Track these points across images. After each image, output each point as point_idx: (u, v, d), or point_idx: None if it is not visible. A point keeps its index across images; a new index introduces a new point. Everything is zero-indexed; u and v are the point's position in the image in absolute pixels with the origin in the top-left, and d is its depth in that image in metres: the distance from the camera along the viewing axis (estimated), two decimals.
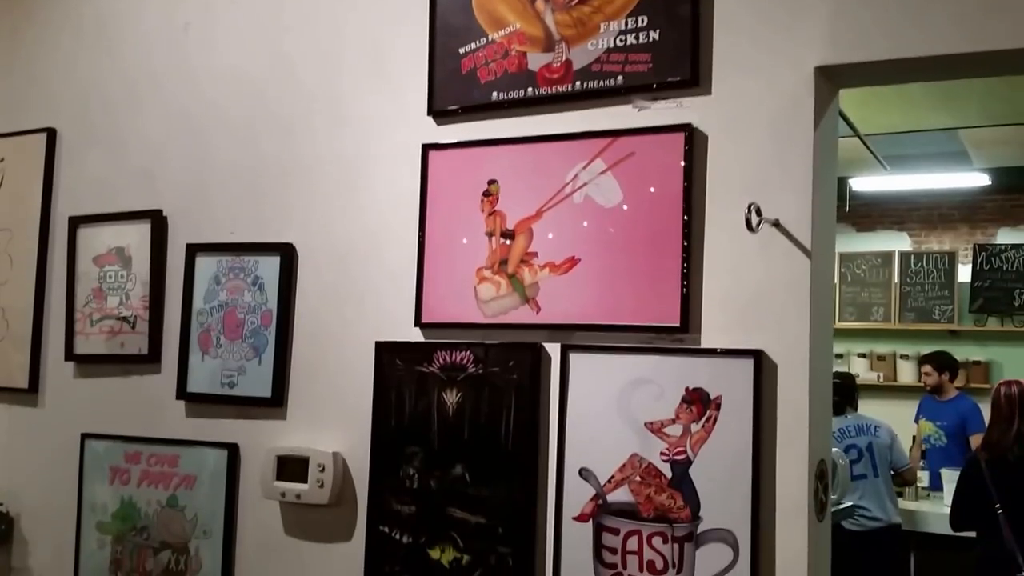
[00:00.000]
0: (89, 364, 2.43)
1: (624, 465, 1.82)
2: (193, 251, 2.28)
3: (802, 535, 1.67)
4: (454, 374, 1.98)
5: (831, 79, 1.78)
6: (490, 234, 1.96)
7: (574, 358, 1.88)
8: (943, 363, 6.32)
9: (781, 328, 1.71)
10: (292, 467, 2.08)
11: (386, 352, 2.05)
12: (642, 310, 1.82)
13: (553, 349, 1.90)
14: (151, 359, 2.33)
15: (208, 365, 2.24)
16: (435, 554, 1.96)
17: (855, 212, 8.66)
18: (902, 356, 7.81)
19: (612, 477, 1.82)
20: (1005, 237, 8.03)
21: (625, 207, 1.84)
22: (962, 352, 7.84)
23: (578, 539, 1.84)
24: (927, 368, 6.34)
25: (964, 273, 7.83)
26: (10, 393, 2.53)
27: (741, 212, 1.68)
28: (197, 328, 2.26)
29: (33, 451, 2.49)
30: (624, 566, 1.79)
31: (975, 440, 6.21)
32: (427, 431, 1.99)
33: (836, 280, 8.04)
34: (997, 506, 4.39)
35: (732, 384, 1.73)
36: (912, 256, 7.91)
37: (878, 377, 7.69)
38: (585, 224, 1.88)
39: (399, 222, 2.05)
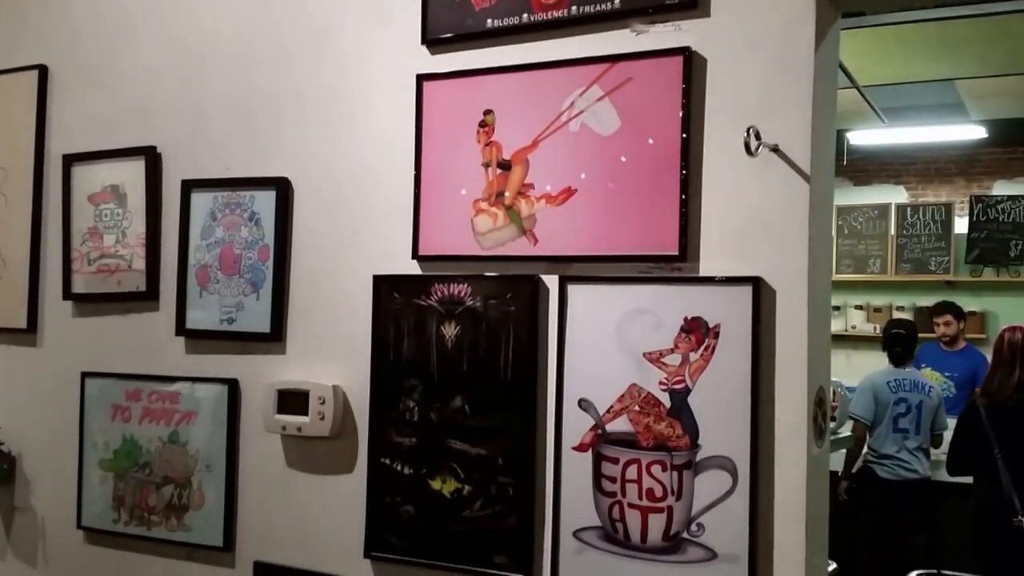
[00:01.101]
0: (87, 303, 2.40)
1: (623, 395, 1.79)
2: (188, 187, 2.24)
3: (801, 460, 1.65)
4: (452, 307, 1.95)
5: (832, 1, 1.73)
6: (486, 165, 1.92)
7: (572, 289, 1.85)
8: (959, 312, 6.22)
9: (780, 255, 1.68)
10: (292, 400, 2.06)
11: (384, 285, 2.02)
12: (640, 240, 1.79)
13: (551, 281, 1.87)
14: (149, 297, 2.30)
15: (206, 301, 2.21)
16: (436, 485, 1.94)
17: (852, 166, 8.59)
18: (898, 308, 7.80)
19: (611, 407, 1.80)
20: (1001, 189, 7.98)
21: (623, 134, 1.80)
22: (958, 303, 7.82)
23: (578, 469, 1.82)
24: (947, 318, 6.22)
25: (960, 225, 7.80)
26: (9, 333, 2.50)
27: (740, 137, 1.64)
28: (194, 265, 2.23)
29: (33, 391, 2.47)
30: (623, 494, 1.78)
31: None
32: (426, 364, 1.97)
33: (833, 232, 8.00)
34: (996, 451, 4.39)
35: (731, 312, 1.71)
36: (909, 208, 7.88)
37: (874, 328, 7.67)
38: (582, 153, 1.83)
39: (395, 154, 2.01)
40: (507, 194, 1.90)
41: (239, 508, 2.17)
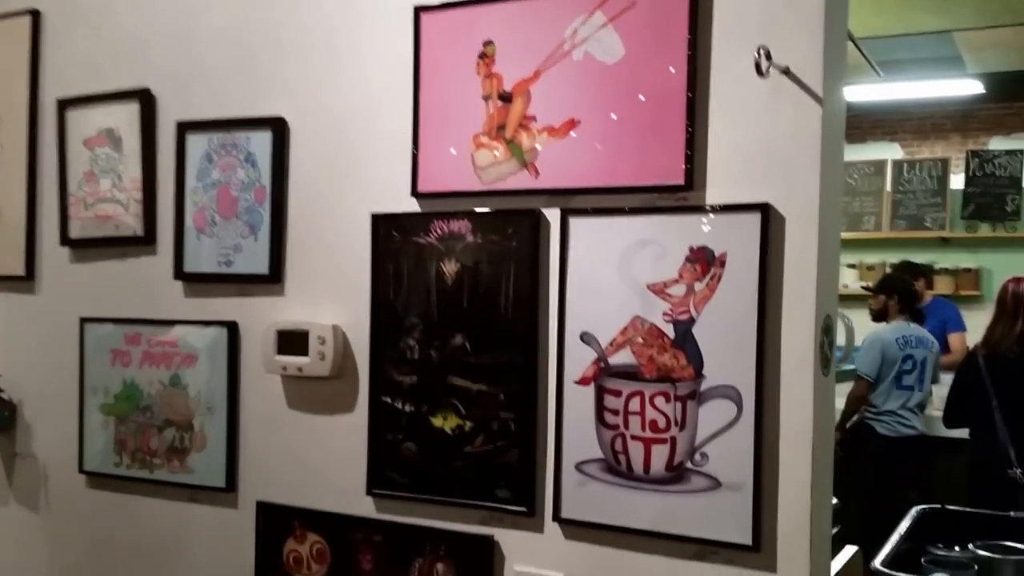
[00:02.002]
0: (85, 248, 2.35)
1: (626, 328, 1.76)
2: (183, 129, 2.19)
3: (807, 389, 1.62)
4: (452, 244, 1.91)
5: None
6: (487, 98, 1.87)
7: (574, 222, 1.81)
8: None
9: (789, 180, 1.64)
10: (292, 341, 2.03)
11: (383, 224, 1.98)
12: (644, 170, 1.74)
13: (553, 214, 1.83)
14: (146, 241, 2.25)
15: (204, 244, 2.17)
16: (438, 422, 1.92)
17: (846, 123, 8.54)
18: (891, 265, 7.76)
19: (614, 340, 1.77)
20: (998, 145, 7.92)
21: (627, 62, 1.75)
22: (952, 259, 7.81)
23: (580, 402, 1.79)
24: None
25: (956, 181, 7.75)
26: (7, 281, 2.46)
27: (748, 61, 1.60)
28: (191, 208, 2.19)
29: (32, 337, 2.43)
30: (626, 426, 1.75)
31: (954, 339, 6.20)
32: (426, 302, 1.93)
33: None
34: (993, 403, 4.37)
35: (738, 240, 1.67)
36: (905, 164, 7.82)
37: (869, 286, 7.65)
38: (585, 83, 1.79)
39: (392, 90, 1.96)
40: (508, 127, 1.85)
41: (241, 449, 2.14)
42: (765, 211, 1.64)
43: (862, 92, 7.40)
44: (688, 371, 1.70)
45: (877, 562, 1.63)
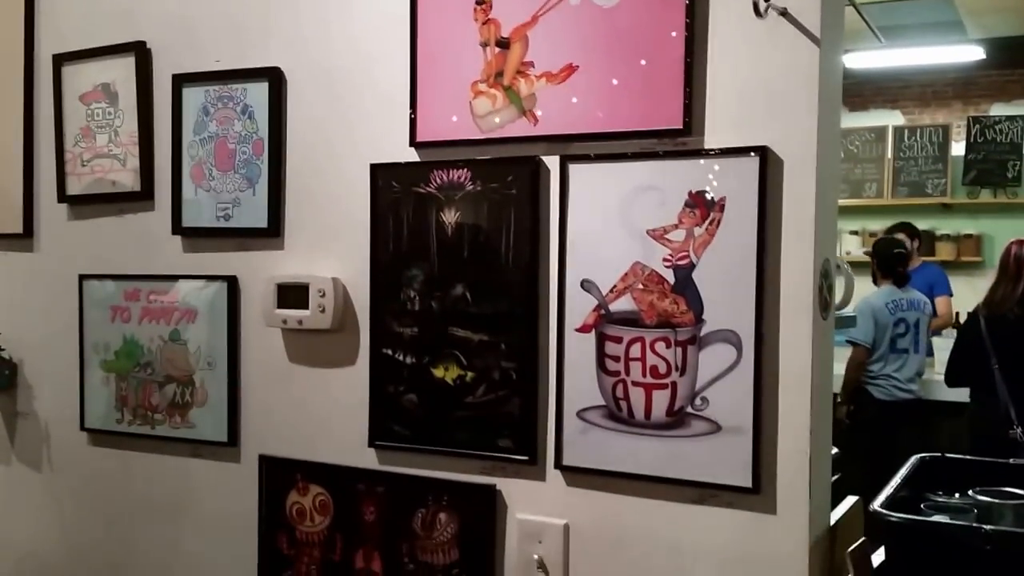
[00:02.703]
0: (83, 205, 2.34)
1: (626, 274, 1.75)
2: (179, 82, 2.17)
3: (806, 331, 1.62)
4: (452, 193, 1.90)
5: None
6: (484, 44, 1.86)
7: (573, 169, 1.80)
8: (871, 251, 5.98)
9: (787, 123, 1.63)
10: (292, 294, 2.02)
11: (381, 174, 1.97)
12: (643, 115, 1.73)
13: (552, 161, 1.82)
14: (144, 196, 2.25)
15: (202, 199, 2.16)
16: (439, 373, 1.92)
17: (848, 91, 8.46)
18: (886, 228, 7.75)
19: (614, 287, 1.76)
20: (999, 112, 7.88)
21: (624, 6, 1.73)
22: (954, 225, 7.81)
23: (580, 350, 1.79)
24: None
25: (958, 148, 7.73)
26: (5, 239, 2.46)
27: (745, 3, 1.58)
28: (189, 162, 2.18)
29: (32, 296, 2.43)
30: (627, 372, 1.75)
31: (940, 303, 6.21)
32: (426, 253, 1.93)
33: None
34: (994, 363, 4.39)
35: (736, 184, 1.66)
36: (906, 131, 7.79)
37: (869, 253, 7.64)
38: (583, 27, 1.77)
39: (389, 38, 1.94)
40: (506, 74, 1.84)
41: (242, 404, 2.14)
42: (763, 154, 1.63)
43: (864, 59, 7.36)
44: (688, 316, 1.70)
45: (876, 504, 1.63)
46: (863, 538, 1.69)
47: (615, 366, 1.76)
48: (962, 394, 4.83)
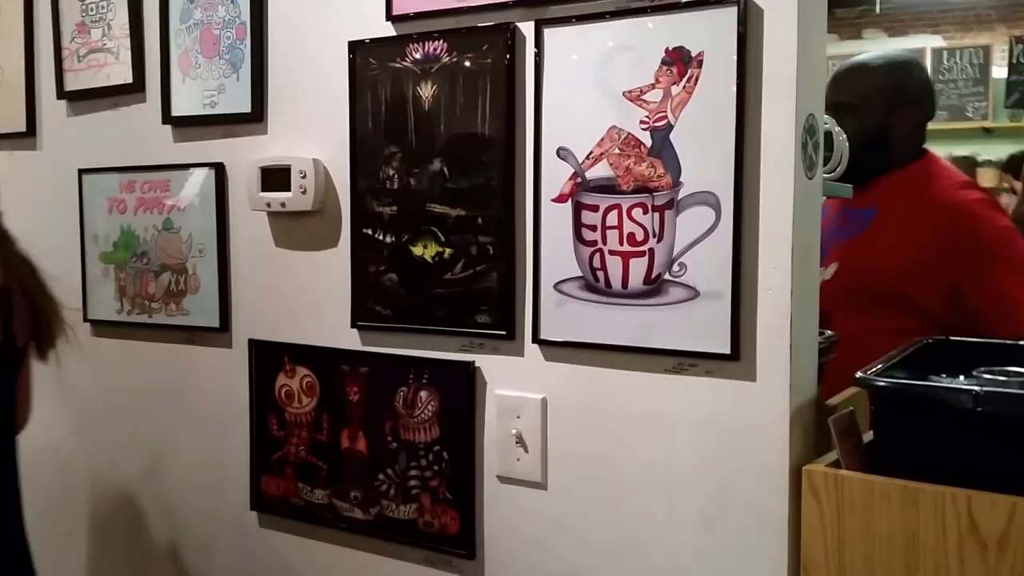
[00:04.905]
0: (80, 100, 2.26)
1: (602, 139, 1.61)
2: None
3: (788, 190, 1.47)
4: (428, 66, 1.76)
5: None
6: None
7: (548, 33, 1.65)
8: None
9: None
10: (275, 177, 1.92)
11: (359, 51, 1.84)
12: None
13: (527, 28, 1.67)
14: (136, 88, 2.15)
15: (189, 87, 2.06)
16: (418, 250, 1.80)
17: (886, 16, 8.08)
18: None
19: (591, 153, 1.62)
20: None
21: None
22: (996, 150, 7.43)
23: (557, 221, 1.65)
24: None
25: (999, 71, 7.32)
26: (9, 138, 2.39)
27: None
28: (176, 51, 2.07)
29: (36, 193, 2.37)
30: (604, 241, 1.61)
31: None
32: (404, 129, 1.80)
33: None
34: None
35: (715, 38, 1.50)
36: (945, 52, 7.39)
37: None
38: None
39: None
40: None
41: (232, 289, 2.06)
42: (742, 5, 1.46)
43: None
44: (666, 180, 1.56)
45: (862, 372, 1.48)
46: (850, 408, 1.54)
47: (592, 235, 1.63)
48: None
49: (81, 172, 2.24)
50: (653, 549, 1.59)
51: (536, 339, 1.69)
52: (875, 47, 7.25)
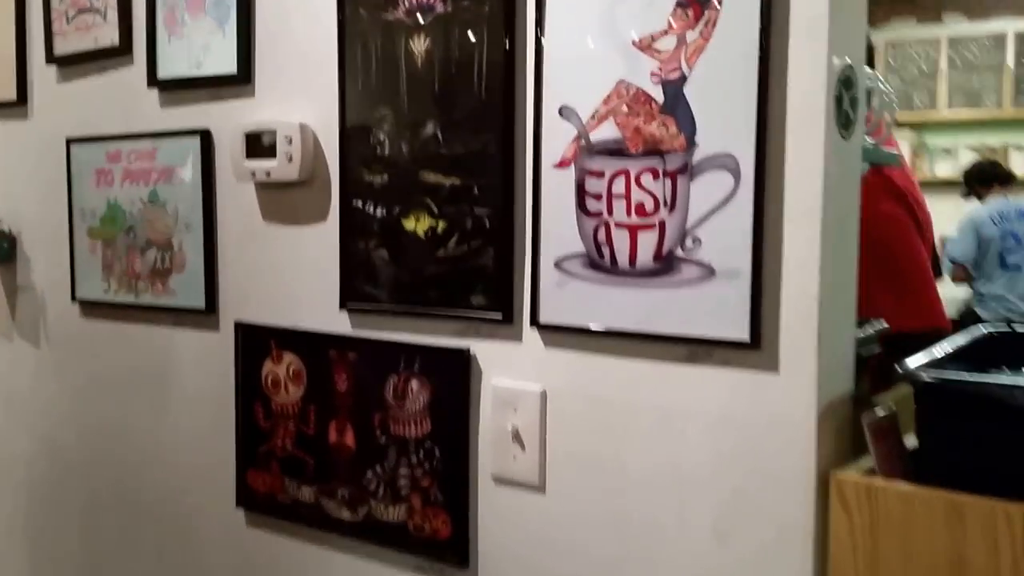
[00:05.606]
0: (68, 66, 2.16)
1: (609, 96, 1.44)
2: None
3: (818, 151, 1.28)
4: (422, 17, 1.61)
5: None
6: None
7: None
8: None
9: None
10: (260, 144, 1.79)
11: (348, 2, 1.70)
12: None
13: None
14: (123, 51, 2.04)
15: (175, 47, 1.94)
16: (410, 224, 1.65)
17: None
18: (1017, 148, 7.01)
19: (596, 112, 1.45)
20: None
21: None
22: None
23: (559, 189, 1.49)
24: None
25: None
26: (1, 109, 2.31)
27: None
28: (162, 8, 1.95)
29: (26, 164, 2.28)
30: (610, 212, 1.44)
31: None
32: (396, 88, 1.65)
33: (943, 66, 7.23)
34: None
35: None
36: None
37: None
38: None
39: None
40: None
41: (219, 268, 1.93)
42: None
43: None
44: (679, 140, 1.38)
45: (907, 363, 1.28)
46: (890, 406, 1.35)
47: (596, 205, 1.46)
48: None
49: (69, 142, 2.14)
50: (661, 562, 1.42)
51: (535, 322, 1.52)
52: (954, 29, 6.91)
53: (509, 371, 1.57)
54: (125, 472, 2.15)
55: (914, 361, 1.32)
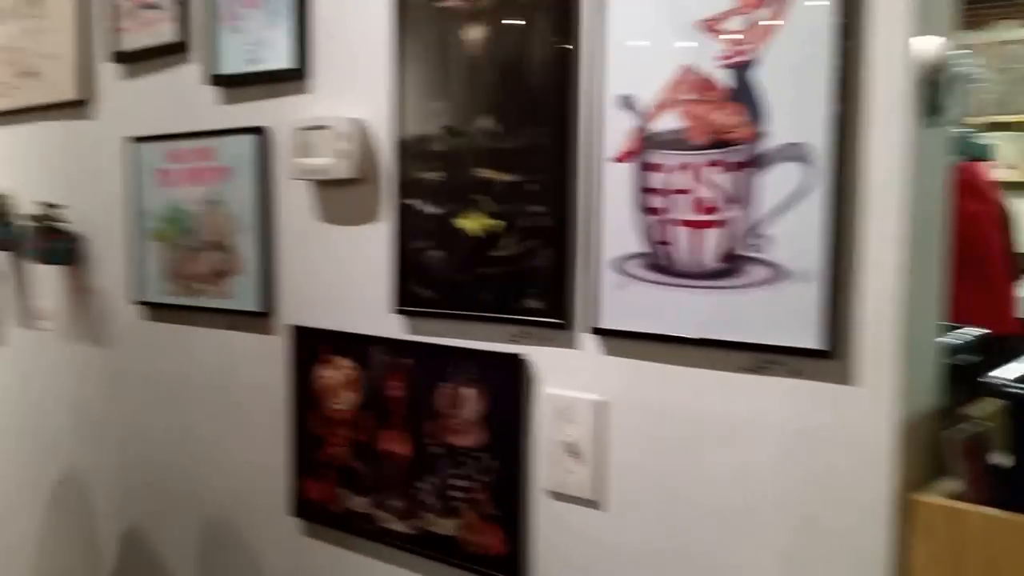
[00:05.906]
0: (130, 63, 2.16)
1: (672, 82, 1.35)
2: None
3: (901, 141, 1.16)
4: (476, 4, 1.55)
5: None
6: None
7: None
8: None
9: None
10: (315, 140, 1.74)
11: None
12: None
13: None
14: (182, 47, 2.03)
15: (231, 42, 1.91)
16: (465, 223, 1.58)
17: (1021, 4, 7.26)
18: None
19: (657, 100, 1.36)
20: None
21: None
22: None
23: (618, 185, 1.40)
24: None
25: None
26: (65, 108, 2.32)
27: None
28: (220, 3, 1.93)
29: (91, 165, 2.29)
30: (672, 209, 1.35)
31: None
32: (450, 80, 1.59)
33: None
34: None
35: None
36: None
37: None
38: None
39: None
40: None
41: (275, 270, 1.89)
42: None
43: None
44: (747, 130, 1.28)
45: (995, 373, 1.16)
46: (982, 422, 1.22)
47: (657, 202, 1.37)
48: None
49: (132, 141, 2.14)
50: None
51: (593, 328, 1.44)
52: (1007, 34, 6.52)
53: (565, 380, 1.49)
54: (184, 477, 2.13)
55: (1009, 372, 1.19)
